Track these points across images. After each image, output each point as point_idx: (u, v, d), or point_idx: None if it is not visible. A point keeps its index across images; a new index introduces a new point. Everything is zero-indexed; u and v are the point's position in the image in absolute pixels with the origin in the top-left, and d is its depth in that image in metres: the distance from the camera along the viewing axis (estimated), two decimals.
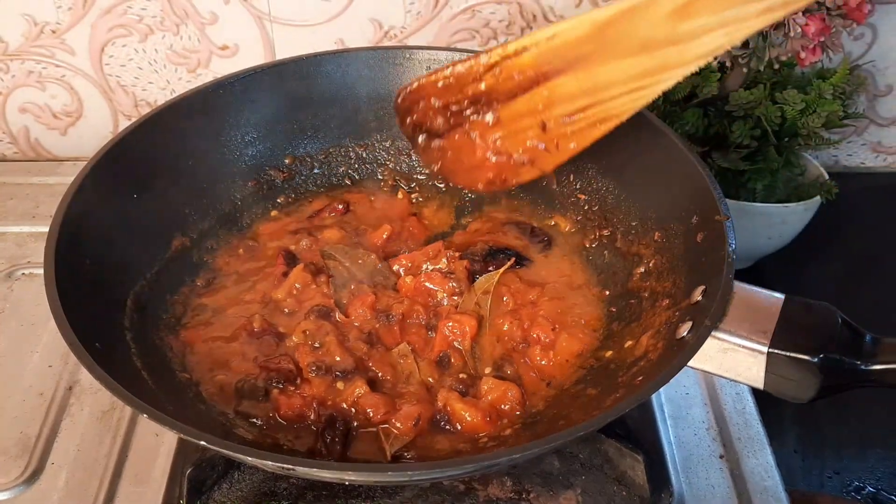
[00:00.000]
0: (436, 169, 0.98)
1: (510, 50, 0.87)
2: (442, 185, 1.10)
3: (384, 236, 1.03)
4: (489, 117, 0.90)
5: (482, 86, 0.89)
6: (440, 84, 0.91)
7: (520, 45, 0.86)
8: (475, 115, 0.91)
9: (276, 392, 0.84)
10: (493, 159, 0.93)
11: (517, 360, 0.88)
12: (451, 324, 0.90)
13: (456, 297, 0.94)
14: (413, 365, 0.87)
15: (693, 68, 0.77)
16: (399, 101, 0.97)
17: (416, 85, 0.94)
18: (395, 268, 0.97)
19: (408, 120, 0.97)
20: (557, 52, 0.84)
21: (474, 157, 0.93)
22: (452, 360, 0.88)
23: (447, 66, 0.91)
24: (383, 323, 0.91)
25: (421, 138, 0.96)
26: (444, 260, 0.96)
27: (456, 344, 0.89)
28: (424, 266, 0.96)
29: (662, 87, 0.79)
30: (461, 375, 0.87)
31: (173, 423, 0.68)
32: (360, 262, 0.97)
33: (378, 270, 0.96)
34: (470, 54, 0.91)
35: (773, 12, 0.73)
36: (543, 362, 0.88)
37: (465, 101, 0.92)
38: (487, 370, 0.88)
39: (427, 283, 0.94)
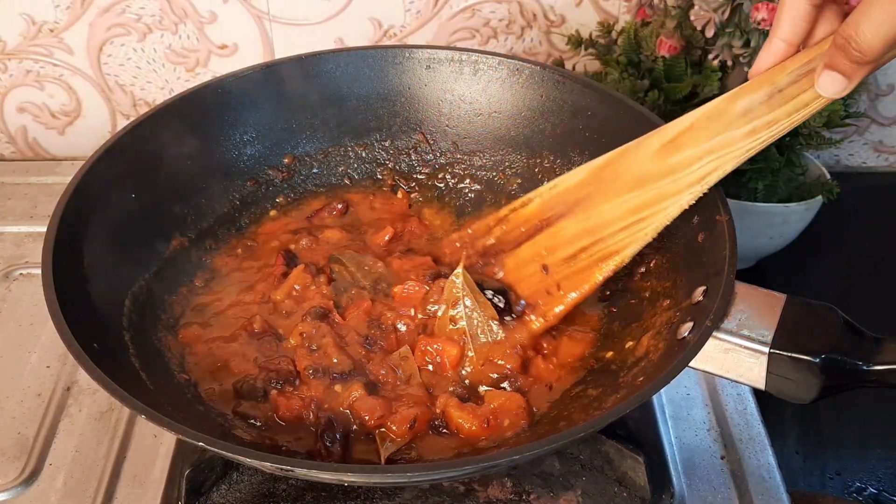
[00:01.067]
0: None
1: (516, 204, 0.93)
2: (442, 185, 1.10)
3: (386, 238, 1.03)
4: (498, 271, 0.93)
5: (491, 239, 0.95)
6: (458, 244, 0.98)
7: (525, 199, 0.93)
8: (484, 267, 0.94)
9: (274, 393, 0.84)
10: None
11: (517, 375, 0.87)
12: (428, 347, 0.87)
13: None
14: (414, 367, 0.87)
15: (689, 195, 0.81)
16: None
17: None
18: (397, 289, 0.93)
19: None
20: (559, 199, 0.89)
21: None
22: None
23: (469, 223, 0.98)
24: (376, 328, 0.90)
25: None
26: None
27: (431, 368, 0.87)
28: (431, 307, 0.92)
29: (662, 217, 0.83)
30: (466, 379, 0.86)
31: (171, 424, 0.68)
32: (366, 268, 0.97)
33: (382, 277, 0.96)
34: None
35: (757, 133, 0.78)
36: (545, 369, 0.87)
37: (476, 256, 0.95)
38: (483, 389, 0.85)
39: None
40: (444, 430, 0.82)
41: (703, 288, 0.79)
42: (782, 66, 0.77)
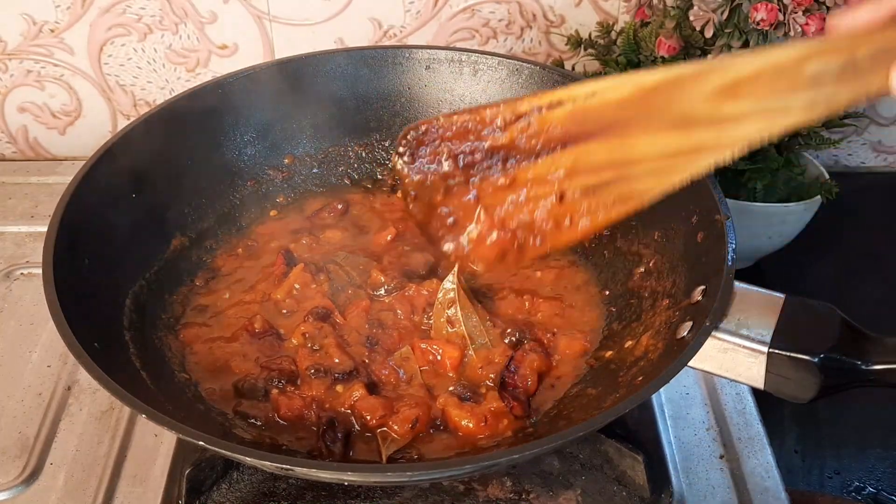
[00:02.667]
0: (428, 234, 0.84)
1: (543, 101, 0.76)
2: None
3: (388, 238, 1.03)
4: (503, 178, 0.78)
5: (504, 138, 0.78)
6: (458, 124, 0.78)
7: (554, 98, 0.75)
8: (487, 170, 0.79)
9: (275, 392, 0.84)
10: (494, 236, 0.81)
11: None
12: (428, 348, 0.87)
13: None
14: (415, 367, 0.87)
15: (726, 155, 0.71)
16: (408, 136, 0.81)
17: (431, 122, 0.80)
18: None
19: (408, 161, 0.81)
20: (594, 113, 0.74)
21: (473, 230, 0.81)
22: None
23: (469, 110, 0.79)
24: (377, 328, 0.91)
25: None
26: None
27: (431, 368, 0.87)
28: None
29: (691, 169, 0.72)
30: (464, 381, 0.86)
31: (172, 424, 0.68)
32: (360, 268, 0.97)
33: (377, 281, 0.95)
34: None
35: (815, 108, 0.68)
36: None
37: (480, 154, 0.79)
38: (483, 389, 0.85)
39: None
40: (444, 430, 0.82)
41: (702, 287, 0.79)
42: (869, 35, 0.66)
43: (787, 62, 0.69)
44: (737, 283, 0.77)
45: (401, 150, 0.81)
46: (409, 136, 0.81)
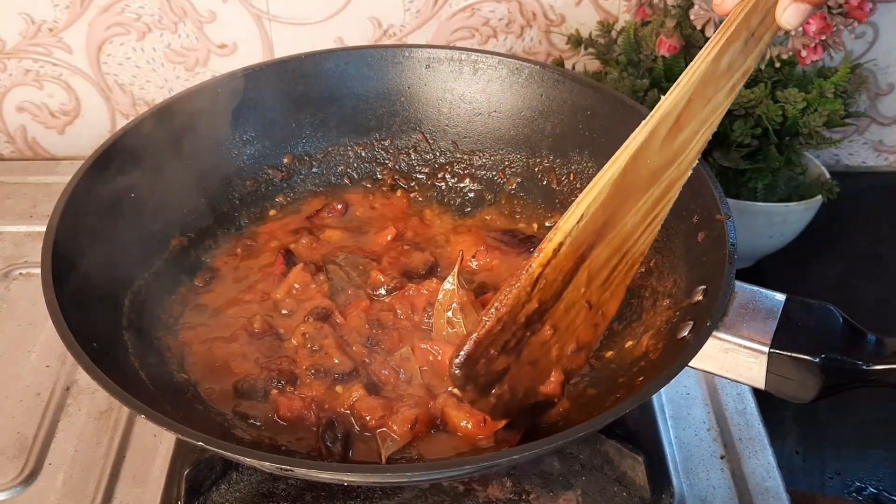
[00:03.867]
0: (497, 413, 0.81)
1: (549, 253, 0.77)
2: (442, 185, 1.10)
3: (388, 238, 1.03)
4: (547, 331, 0.79)
5: (532, 304, 0.78)
6: (497, 329, 0.76)
7: (556, 244, 0.77)
8: (532, 336, 0.79)
9: (275, 393, 0.84)
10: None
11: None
12: (429, 348, 0.87)
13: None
14: (415, 367, 0.87)
15: (689, 173, 0.79)
16: (457, 371, 0.76)
17: (471, 345, 0.76)
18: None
19: (471, 388, 0.77)
20: (588, 230, 0.78)
21: (538, 376, 0.81)
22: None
23: (494, 307, 0.76)
24: (377, 328, 0.90)
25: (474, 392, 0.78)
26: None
27: (432, 369, 0.86)
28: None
29: (669, 205, 0.80)
30: None
31: (171, 424, 0.68)
32: (360, 268, 0.97)
33: (377, 281, 0.95)
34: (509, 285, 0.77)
35: (735, 89, 0.76)
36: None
37: (520, 330, 0.78)
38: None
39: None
40: (444, 430, 0.82)
41: (702, 287, 0.79)
42: (754, 3, 0.74)
43: (707, 70, 0.75)
44: (737, 283, 0.77)
45: (459, 383, 0.77)
46: (457, 371, 0.76)
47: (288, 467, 0.68)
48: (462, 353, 0.75)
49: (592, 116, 1.00)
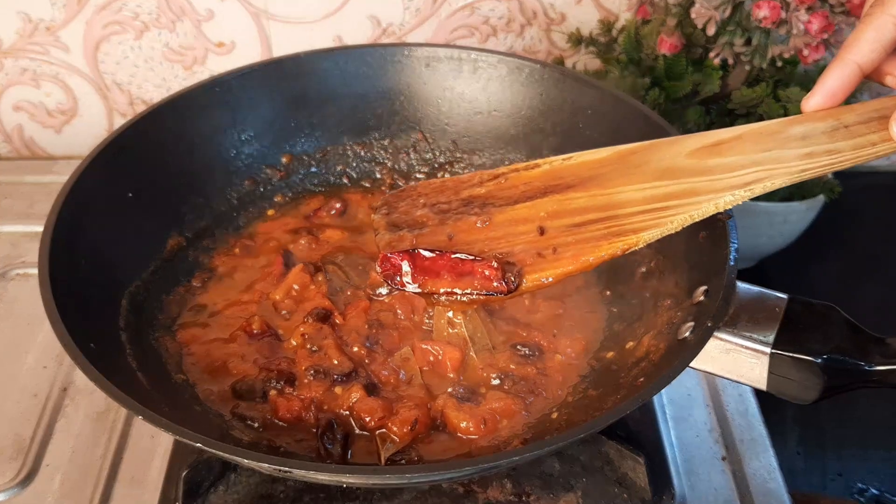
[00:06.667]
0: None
1: (520, 165, 0.82)
2: None
3: None
4: (479, 220, 0.80)
5: (481, 190, 0.82)
6: (437, 185, 0.82)
7: (532, 163, 0.82)
8: (463, 215, 0.81)
9: (274, 394, 0.83)
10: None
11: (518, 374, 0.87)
12: (429, 348, 0.86)
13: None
14: (415, 368, 0.86)
15: (729, 196, 0.74)
16: (387, 194, 0.85)
17: (409, 185, 0.85)
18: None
19: (385, 214, 0.82)
20: (571, 170, 0.79)
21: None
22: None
23: (448, 174, 0.85)
24: (377, 328, 0.90)
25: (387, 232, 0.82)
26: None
27: (432, 369, 0.86)
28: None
29: (692, 210, 0.75)
30: (464, 381, 0.86)
31: (169, 425, 0.67)
32: (359, 268, 0.96)
33: (376, 281, 0.95)
34: None
35: (815, 157, 0.73)
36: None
37: (457, 202, 0.81)
38: (483, 390, 0.85)
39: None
40: (444, 431, 0.81)
41: (704, 288, 0.79)
42: (850, 107, 0.74)
43: (770, 126, 0.76)
44: (739, 284, 0.76)
45: (379, 204, 0.84)
46: (388, 196, 0.84)
47: (287, 469, 0.67)
48: (400, 187, 0.83)
49: (593, 115, 1.00)
